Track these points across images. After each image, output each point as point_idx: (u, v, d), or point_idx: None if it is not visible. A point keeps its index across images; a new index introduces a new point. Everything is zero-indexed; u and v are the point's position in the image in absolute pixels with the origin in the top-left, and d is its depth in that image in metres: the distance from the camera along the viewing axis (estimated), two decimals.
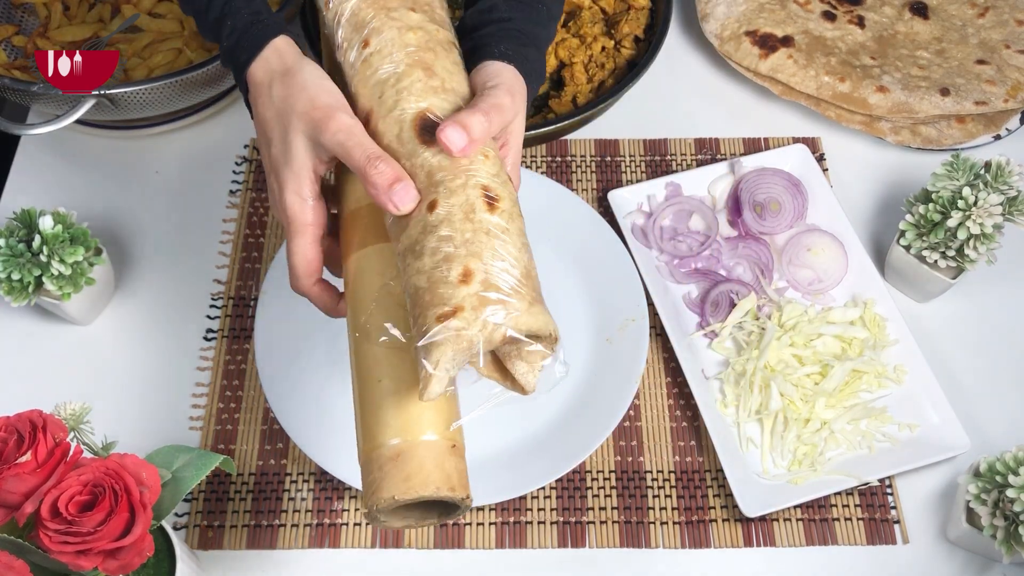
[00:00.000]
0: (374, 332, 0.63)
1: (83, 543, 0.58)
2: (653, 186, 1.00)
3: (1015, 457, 0.75)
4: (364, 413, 0.61)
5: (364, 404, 0.62)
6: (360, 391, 0.63)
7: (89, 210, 0.99)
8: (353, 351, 0.64)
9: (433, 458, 0.59)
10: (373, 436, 0.60)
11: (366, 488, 0.59)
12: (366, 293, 0.64)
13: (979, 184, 0.87)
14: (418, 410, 0.60)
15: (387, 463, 0.59)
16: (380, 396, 0.61)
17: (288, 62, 0.65)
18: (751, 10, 1.10)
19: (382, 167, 0.60)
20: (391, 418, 0.60)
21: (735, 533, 0.83)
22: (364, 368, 0.63)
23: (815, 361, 0.90)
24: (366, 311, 0.64)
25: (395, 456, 0.59)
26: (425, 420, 0.60)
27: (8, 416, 0.62)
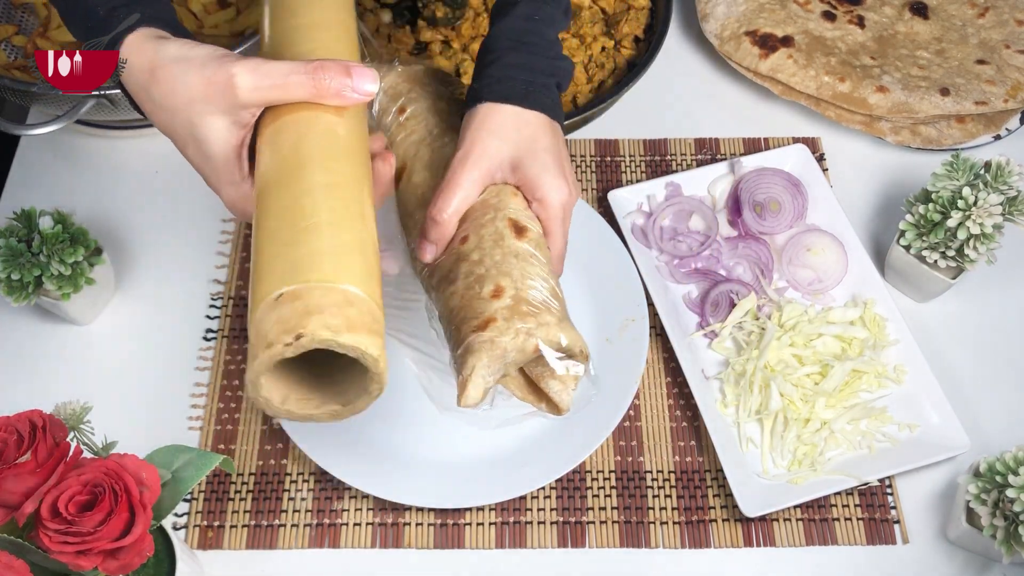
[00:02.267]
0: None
1: (83, 543, 0.58)
2: (653, 186, 1.00)
3: (1015, 457, 0.75)
4: (270, 257, 0.52)
5: (275, 241, 0.53)
6: (268, 237, 0.54)
7: (89, 210, 1.00)
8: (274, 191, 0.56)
9: (356, 307, 0.50)
10: (281, 279, 0.51)
11: (261, 334, 0.49)
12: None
13: (979, 184, 0.87)
14: (342, 262, 0.52)
15: (301, 300, 0.49)
16: (300, 232, 0.52)
17: (150, 57, 0.58)
18: (751, 10, 1.10)
19: (327, 73, 0.56)
20: (314, 259, 0.51)
21: (735, 533, 0.83)
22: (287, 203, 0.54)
23: (815, 361, 0.90)
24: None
25: (311, 293, 0.49)
26: (348, 272, 0.51)
27: (8, 416, 0.62)
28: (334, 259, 0.51)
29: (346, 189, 0.56)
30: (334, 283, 0.50)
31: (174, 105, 0.57)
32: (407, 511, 0.84)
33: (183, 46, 0.58)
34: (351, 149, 0.58)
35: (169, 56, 0.58)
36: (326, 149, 0.56)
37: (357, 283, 0.51)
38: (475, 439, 0.86)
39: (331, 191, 0.54)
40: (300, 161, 0.55)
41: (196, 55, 0.57)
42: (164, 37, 0.60)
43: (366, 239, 0.55)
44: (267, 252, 0.52)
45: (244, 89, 0.56)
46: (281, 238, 0.52)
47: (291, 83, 0.56)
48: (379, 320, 0.51)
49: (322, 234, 0.52)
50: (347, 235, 0.53)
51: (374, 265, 0.54)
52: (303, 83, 0.56)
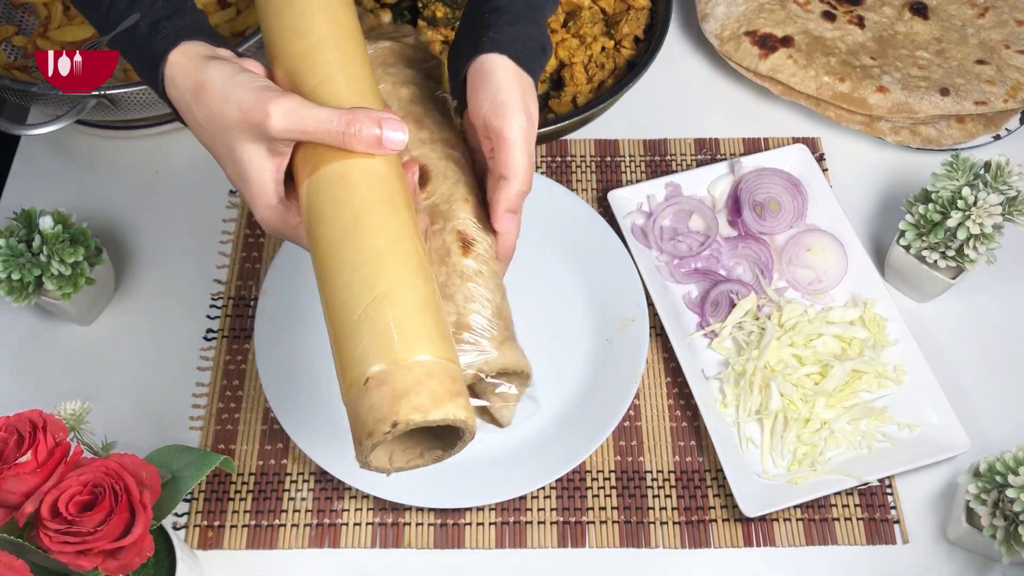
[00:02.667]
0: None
1: (83, 543, 0.58)
2: (653, 186, 1.00)
3: (1015, 457, 0.75)
4: (347, 337, 0.55)
5: (347, 326, 0.56)
6: (339, 313, 0.57)
7: (89, 210, 1.00)
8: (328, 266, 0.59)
9: (453, 378, 0.54)
10: (362, 361, 0.54)
11: (360, 421, 0.53)
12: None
13: (979, 184, 0.87)
14: (413, 331, 0.55)
15: (404, 379, 0.53)
16: (379, 307, 0.55)
17: (194, 77, 0.60)
18: (751, 10, 1.10)
19: (359, 125, 0.57)
20: (378, 341, 0.54)
21: (735, 533, 0.83)
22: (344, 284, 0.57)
23: (815, 361, 0.90)
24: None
25: (413, 371, 0.53)
26: (417, 339, 0.55)
27: (8, 416, 0.62)
28: (409, 330, 0.54)
29: (403, 244, 0.57)
30: (411, 358, 0.53)
31: (214, 128, 0.60)
32: (407, 511, 0.84)
33: (226, 69, 0.59)
34: (394, 188, 0.60)
35: (212, 80, 0.59)
36: (373, 196, 0.58)
37: (431, 350, 0.54)
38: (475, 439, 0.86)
39: (389, 252, 0.57)
40: (354, 224, 0.57)
41: (237, 83, 0.58)
42: (209, 56, 0.61)
43: (431, 292, 0.57)
44: (347, 326, 0.55)
45: (276, 130, 0.57)
46: (355, 311, 0.55)
47: (323, 132, 0.58)
48: (459, 378, 0.55)
49: (393, 303, 0.55)
50: (413, 298, 0.56)
51: (442, 320, 0.57)
52: (335, 134, 0.58)
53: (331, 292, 0.57)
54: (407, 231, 0.58)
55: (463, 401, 0.54)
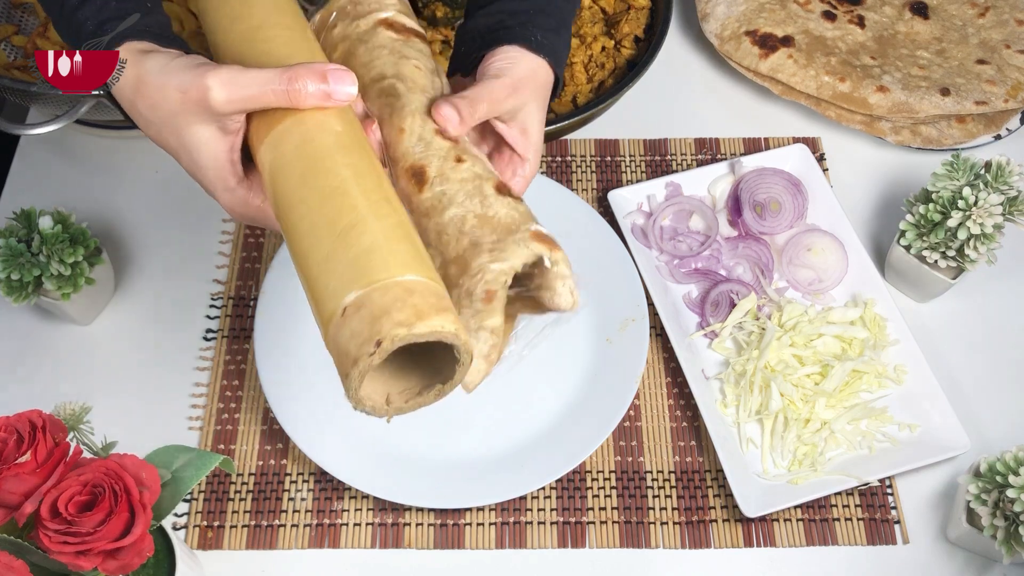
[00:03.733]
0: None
1: (83, 543, 0.58)
2: (653, 186, 1.00)
3: (1015, 457, 0.75)
4: (318, 276, 0.53)
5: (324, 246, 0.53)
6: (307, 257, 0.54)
7: (89, 210, 1.00)
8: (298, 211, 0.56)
9: (435, 294, 0.51)
10: (337, 292, 0.51)
11: (343, 353, 0.50)
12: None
13: (979, 184, 0.87)
14: (385, 254, 0.52)
15: (380, 299, 0.50)
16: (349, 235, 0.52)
17: (132, 71, 0.59)
18: (751, 10, 1.10)
19: (302, 82, 0.55)
20: (375, 257, 0.52)
21: (735, 533, 0.83)
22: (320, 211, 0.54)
23: (815, 361, 0.90)
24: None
25: (390, 290, 0.50)
26: (415, 260, 0.52)
27: (8, 416, 0.62)
28: (380, 255, 0.52)
29: (364, 179, 0.55)
30: (389, 278, 0.50)
31: (159, 118, 0.58)
32: (407, 511, 0.84)
33: (164, 58, 0.58)
34: (353, 140, 0.58)
35: (148, 71, 0.58)
36: (331, 147, 0.56)
37: (409, 269, 0.51)
38: (475, 439, 0.86)
39: (351, 186, 0.54)
40: (312, 167, 0.55)
41: (174, 67, 0.57)
42: (149, 50, 0.59)
43: (402, 220, 0.55)
44: (314, 266, 0.53)
45: (219, 102, 0.56)
46: (322, 249, 0.52)
47: (267, 93, 0.56)
48: (443, 295, 0.52)
49: (361, 232, 0.52)
50: (383, 224, 0.53)
51: (418, 243, 0.55)
52: (279, 93, 0.56)
53: (297, 239, 0.54)
54: (368, 167, 0.56)
55: (451, 316, 0.51)
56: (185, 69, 0.57)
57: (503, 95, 0.64)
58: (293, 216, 0.55)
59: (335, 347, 0.51)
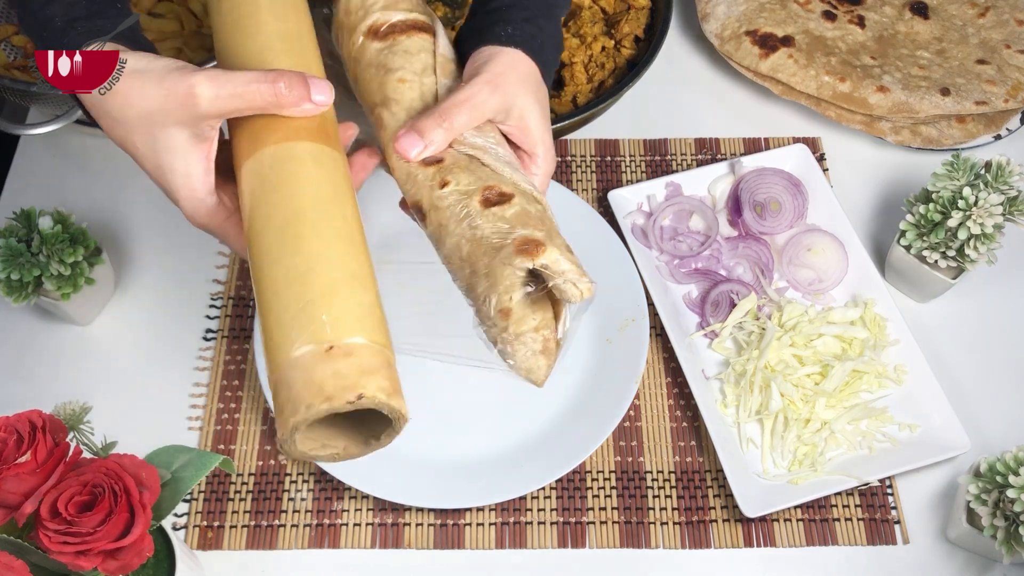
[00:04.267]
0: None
1: (83, 543, 0.58)
2: (653, 186, 1.00)
3: (1015, 457, 0.75)
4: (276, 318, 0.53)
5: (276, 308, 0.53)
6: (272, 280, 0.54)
7: (89, 210, 1.00)
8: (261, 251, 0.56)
9: (381, 363, 0.52)
10: (287, 341, 0.52)
11: (312, 384, 0.51)
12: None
13: (979, 184, 0.87)
14: (343, 310, 0.53)
15: (328, 360, 0.51)
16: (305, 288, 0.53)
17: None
18: (751, 10, 1.10)
19: (286, 82, 0.56)
20: (306, 322, 0.52)
21: (735, 533, 0.83)
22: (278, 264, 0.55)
23: (815, 361, 0.90)
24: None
25: (339, 353, 0.51)
26: (351, 323, 0.53)
27: (8, 416, 0.62)
28: (369, 319, 0.53)
29: (349, 240, 0.56)
30: (379, 343, 0.52)
31: (131, 117, 0.56)
32: (407, 511, 0.84)
33: (141, 59, 0.57)
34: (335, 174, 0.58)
35: (129, 69, 0.57)
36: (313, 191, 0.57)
37: (387, 343, 0.53)
38: (475, 439, 0.86)
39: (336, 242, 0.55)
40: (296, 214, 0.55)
41: (155, 67, 0.56)
42: (122, 47, 0.59)
43: (375, 291, 0.56)
44: (290, 295, 0.53)
45: (204, 99, 0.55)
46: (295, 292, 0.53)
47: (251, 91, 0.55)
48: (382, 361, 0.53)
49: (352, 291, 0.54)
50: (368, 294, 0.55)
51: (372, 298, 0.56)
52: (263, 92, 0.56)
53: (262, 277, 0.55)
54: (355, 230, 0.57)
55: (384, 383, 0.52)
56: (168, 69, 0.56)
57: (483, 95, 0.63)
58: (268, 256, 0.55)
59: (302, 374, 0.51)
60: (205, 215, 0.59)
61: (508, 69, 0.64)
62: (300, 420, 0.50)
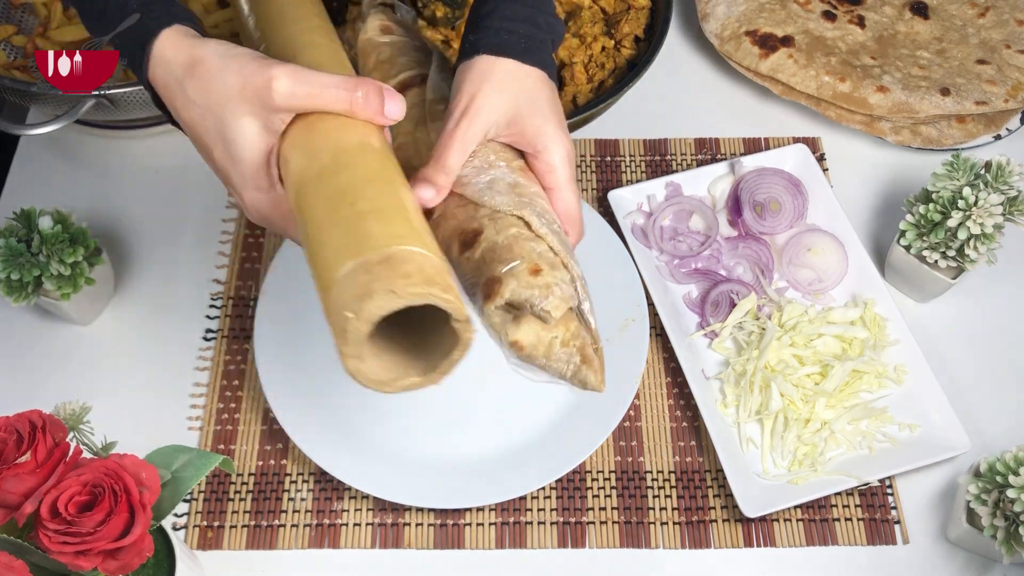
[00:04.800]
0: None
1: (83, 543, 0.58)
2: (653, 186, 1.00)
3: (1015, 457, 0.75)
4: (335, 233, 0.53)
5: (332, 226, 0.53)
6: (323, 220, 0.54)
7: (89, 210, 1.00)
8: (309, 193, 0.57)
9: (432, 265, 0.51)
10: (352, 248, 0.51)
11: (343, 306, 0.50)
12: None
13: (979, 184, 0.87)
14: (407, 226, 0.53)
15: (375, 266, 0.50)
16: (357, 215, 0.53)
17: (188, 51, 0.58)
18: (751, 10, 1.10)
19: (365, 88, 0.57)
20: (377, 230, 0.52)
21: (735, 533, 0.83)
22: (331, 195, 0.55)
23: (815, 361, 0.90)
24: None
25: (385, 259, 0.50)
26: (414, 237, 0.53)
27: (8, 416, 0.62)
28: (421, 236, 0.53)
29: (403, 189, 0.57)
30: (432, 252, 0.52)
31: (208, 102, 0.57)
32: (407, 511, 0.84)
33: (223, 45, 0.58)
34: (389, 162, 0.59)
35: (210, 52, 0.57)
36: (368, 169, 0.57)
37: (408, 242, 0.52)
38: (476, 439, 0.86)
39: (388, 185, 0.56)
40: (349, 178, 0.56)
41: (237, 54, 0.57)
42: (200, 35, 0.60)
43: (411, 209, 0.56)
44: (339, 228, 0.53)
45: (281, 94, 0.56)
46: (334, 237, 0.53)
47: (328, 95, 0.56)
48: (440, 267, 0.53)
49: (369, 211, 0.53)
50: (416, 222, 0.55)
51: (426, 228, 0.56)
52: (341, 97, 0.57)
53: (314, 233, 0.55)
54: (396, 179, 0.58)
55: (445, 286, 0.52)
56: (250, 58, 0.57)
57: (463, 128, 0.62)
58: (312, 197, 0.55)
59: (334, 309, 0.51)
60: (268, 205, 0.59)
61: (479, 86, 0.63)
62: (345, 347, 0.49)
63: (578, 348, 0.62)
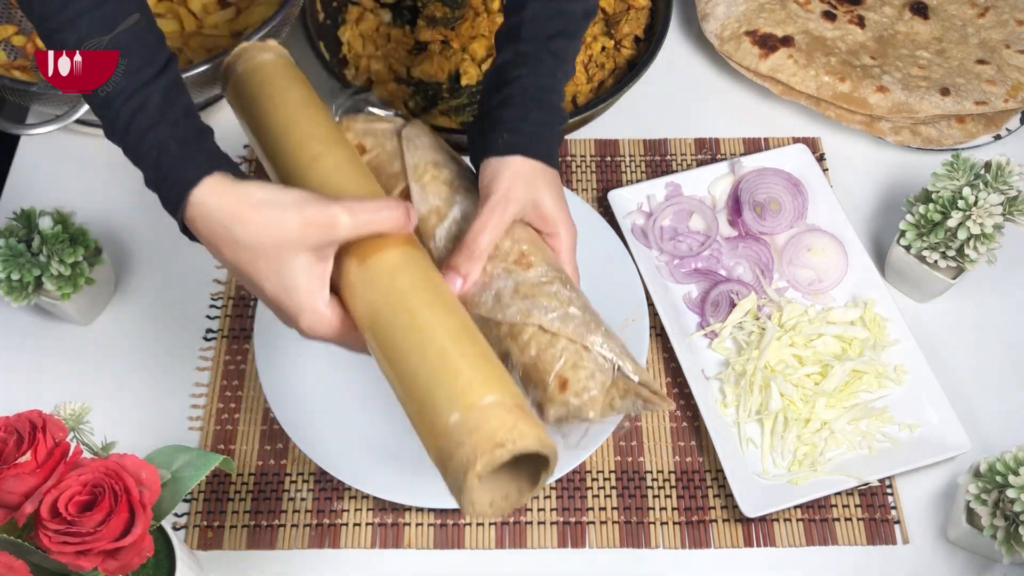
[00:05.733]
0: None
1: (83, 543, 0.58)
2: (653, 186, 1.00)
3: (1015, 457, 0.75)
4: (432, 378, 0.60)
5: (426, 371, 0.60)
6: (415, 362, 0.61)
7: (89, 210, 0.99)
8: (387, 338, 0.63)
9: (510, 414, 0.58)
10: (456, 399, 0.58)
11: (453, 468, 0.57)
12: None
13: (979, 184, 0.87)
14: (474, 377, 0.59)
15: (465, 430, 0.57)
16: (444, 361, 0.60)
17: (235, 198, 0.61)
18: (751, 10, 1.10)
19: (407, 209, 0.64)
20: (470, 377, 0.59)
21: (735, 533, 0.83)
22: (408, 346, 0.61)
23: (815, 361, 0.90)
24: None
25: (469, 423, 0.57)
26: (482, 385, 0.59)
27: (8, 416, 0.62)
28: (502, 380, 0.60)
29: (460, 321, 0.63)
30: (514, 395, 0.59)
31: (263, 244, 0.60)
32: (407, 511, 0.84)
33: (266, 188, 0.62)
34: (428, 268, 0.65)
35: (258, 198, 0.61)
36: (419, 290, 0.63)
37: (517, 393, 0.61)
38: None
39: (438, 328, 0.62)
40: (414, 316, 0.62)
41: (288, 199, 0.61)
42: (239, 179, 0.62)
43: (495, 357, 0.63)
44: (419, 390, 0.60)
45: (344, 227, 0.60)
46: (421, 378, 0.60)
47: (382, 219, 0.62)
48: (529, 412, 0.60)
49: (453, 364, 0.60)
50: (493, 363, 0.61)
51: (499, 365, 0.63)
52: (394, 218, 0.62)
53: (399, 367, 0.61)
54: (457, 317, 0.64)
55: (541, 430, 0.59)
56: (305, 200, 0.61)
57: (498, 217, 0.69)
58: (394, 352, 0.61)
59: (442, 459, 0.58)
60: (325, 326, 0.63)
61: (513, 179, 0.71)
62: (484, 466, 0.55)
63: (634, 393, 0.67)
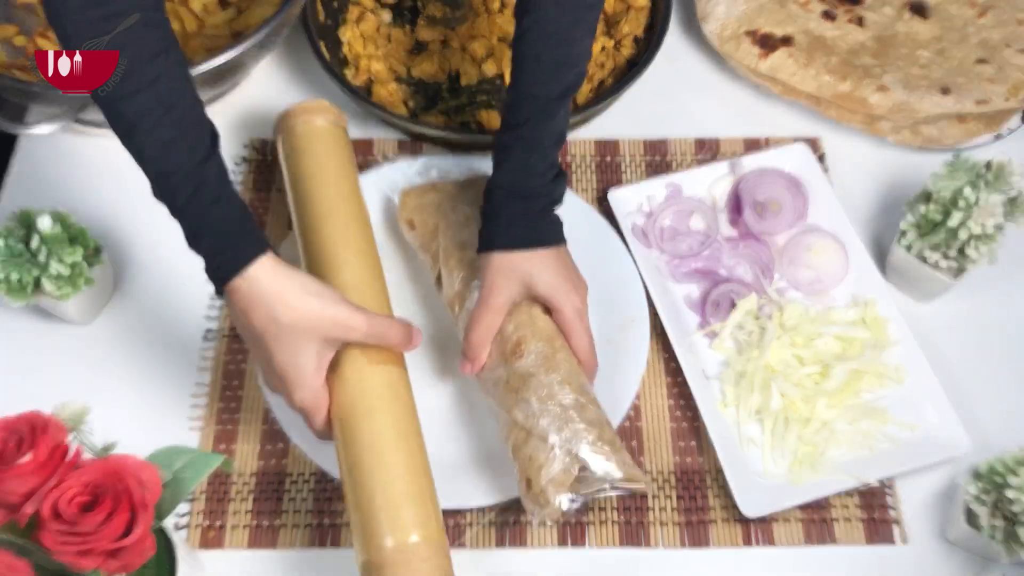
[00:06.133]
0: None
1: (84, 543, 0.58)
2: (653, 186, 1.00)
3: (1015, 457, 0.76)
4: (368, 506, 0.72)
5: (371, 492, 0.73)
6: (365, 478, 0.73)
7: (88, 210, 0.99)
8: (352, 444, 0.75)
9: (425, 564, 0.70)
10: (379, 533, 0.71)
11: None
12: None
13: (980, 184, 0.87)
14: (424, 510, 0.73)
15: (391, 561, 0.70)
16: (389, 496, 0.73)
17: (284, 284, 0.70)
18: (751, 10, 1.10)
19: (414, 332, 0.77)
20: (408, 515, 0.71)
21: (735, 533, 0.83)
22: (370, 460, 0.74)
23: (816, 361, 0.90)
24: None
25: (397, 556, 0.70)
26: (431, 523, 0.72)
27: (8, 417, 0.62)
28: (433, 522, 0.73)
29: (419, 459, 0.76)
30: (436, 538, 0.72)
31: (297, 328, 0.70)
32: None
33: (310, 282, 0.72)
34: (404, 392, 0.78)
35: (304, 289, 0.71)
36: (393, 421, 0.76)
37: (441, 535, 0.74)
38: (476, 439, 0.86)
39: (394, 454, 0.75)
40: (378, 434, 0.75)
41: (327, 296, 0.72)
42: (286, 265, 0.72)
43: (433, 496, 0.76)
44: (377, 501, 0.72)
45: (358, 332, 0.73)
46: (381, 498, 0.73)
47: (390, 333, 0.75)
48: (441, 553, 0.72)
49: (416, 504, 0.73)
50: (428, 504, 0.74)
51: (431, 501, 0.75)
52: (399, 335, 0.76)
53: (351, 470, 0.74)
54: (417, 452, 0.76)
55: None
56: (337, 302, 0.72)
57: (485, 312, 0.81)
58: (356, 454, 0.74)
59: (368, 571, 0.70)
60: (312, 399, 0.74)
61: (494, 275, 0.81)
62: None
63: (606, 483, 0.76)
